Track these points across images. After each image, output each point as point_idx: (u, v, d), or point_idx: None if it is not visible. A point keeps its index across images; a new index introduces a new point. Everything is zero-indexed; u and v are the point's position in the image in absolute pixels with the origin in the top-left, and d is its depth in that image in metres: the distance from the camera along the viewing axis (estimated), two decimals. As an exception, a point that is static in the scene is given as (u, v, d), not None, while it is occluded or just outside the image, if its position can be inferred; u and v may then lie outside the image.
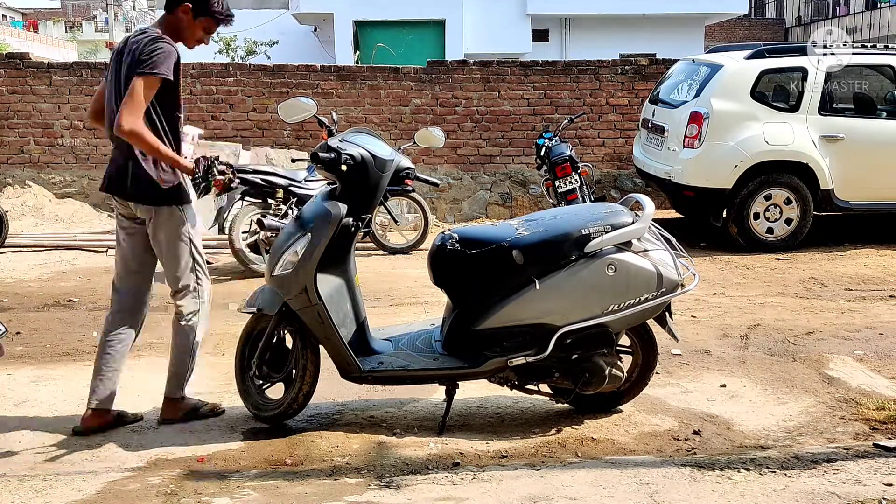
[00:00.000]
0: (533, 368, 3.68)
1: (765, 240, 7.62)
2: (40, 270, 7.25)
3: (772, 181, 7.53)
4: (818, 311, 5.69)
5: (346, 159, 3.65)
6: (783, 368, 4.58)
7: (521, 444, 3.64)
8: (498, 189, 9.88)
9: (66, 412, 4.01)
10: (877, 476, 3.26)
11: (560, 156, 7.89)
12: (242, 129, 9.66)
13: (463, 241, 3.69)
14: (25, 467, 3.44)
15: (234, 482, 3.28)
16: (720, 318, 5.54)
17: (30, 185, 9.49)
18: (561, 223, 3.70)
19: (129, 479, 3.32)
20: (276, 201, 6.89)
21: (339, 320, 3.71)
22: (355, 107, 9.67)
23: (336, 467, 3.41)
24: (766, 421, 3.89)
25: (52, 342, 5.18)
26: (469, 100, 9.81)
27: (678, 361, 4.69)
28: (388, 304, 6.07)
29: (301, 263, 3.62)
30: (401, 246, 7.96)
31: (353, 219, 3.71)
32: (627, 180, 9.92)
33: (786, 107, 7.65)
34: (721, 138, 7.50)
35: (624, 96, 9.94)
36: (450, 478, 3.29)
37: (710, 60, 8.03)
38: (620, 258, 3.59)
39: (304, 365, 3.74)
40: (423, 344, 3.86)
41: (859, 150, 7.58)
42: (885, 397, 4.11)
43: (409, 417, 3.96)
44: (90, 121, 4.05)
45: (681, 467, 3.36)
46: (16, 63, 9.61)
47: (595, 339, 3.64)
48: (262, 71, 9.80)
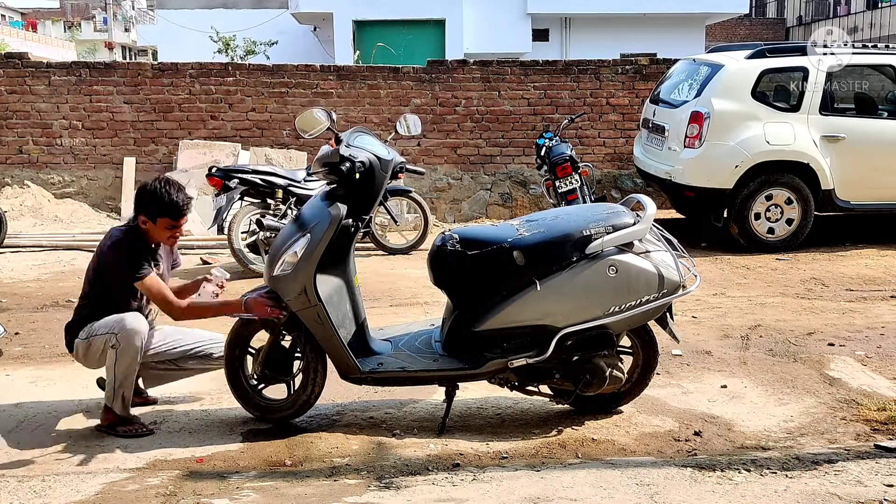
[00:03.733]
0: (533, 370, 3.67)
1: (766, 240, 7.61)
2: (39, 271, 7.24)
3: (773, 181, 7.51)
4: (819, 312, 5.67)
5: (359, 167, 3.65)
6: (784, 369, 4.57)
7: (521, 444, 3.63)
8: (498, 189, 9.87)
9: (64, 413, 4.00)
10: (878, 477, 3.25)
11: (560, 156, 7.88)
12: (241, 128, 9.65)
13: (463, 242, 3.68)
14: (24, 468, 3.43)
15: (234, 483, 3.27)
16: (721, 319, 5.53)
17: (28, 185, 9.48)
18: (562, 224, 3.69)
19: (128, 479, 3.32)
20: (275, 201, 6.88)
21: (339, 321, 3.70)
22: (355, 106, 9.66)
23: (336, 468, 3.41)
24: (767, 422, 3.88)
25: (51, 343, 5.17)
26: (469, 99, 9.80)
27: (679, 362, 4.68)
28: (388, 304, 6.05)
29: (300, 264, 3.61)
30: (401, 246, 7.94)
31: (352, 219, 3.70)
32: (628, 180, 9.91)
33: (787, 107, 7.63)
34: (722, 138, 7.49)
35: (624, 96, 9.93)
36: (449, 479, 3.28)
37: (711, 60, 8.02)
38: (622, 259, 3.59)
39: (314, 367, 3.74)
40: (423, 345, 3.85)
41: (860, 150, 7.57)
42: (886, 398, 4.10)
43: (409, 418, 3.95)
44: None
45: (681, 468, 3.35)
46: (14, 63, 9.59)
47: (596, 341, 3.64)
48: (262, 71, 9.79)
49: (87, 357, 3.81)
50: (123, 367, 3.67)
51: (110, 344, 3.65)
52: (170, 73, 9.62)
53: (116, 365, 3.67)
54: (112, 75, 9.59)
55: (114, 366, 3.67)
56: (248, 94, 9.65)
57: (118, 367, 3.67)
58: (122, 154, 9.58)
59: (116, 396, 3.72)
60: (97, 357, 3.77)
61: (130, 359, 3.67)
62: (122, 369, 3.67)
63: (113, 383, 3.70)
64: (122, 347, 3.64)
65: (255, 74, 9.70)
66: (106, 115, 9.58)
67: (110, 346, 3.65)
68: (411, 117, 4.52)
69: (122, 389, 3.70)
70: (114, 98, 9.56)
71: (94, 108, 9.58)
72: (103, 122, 9.59)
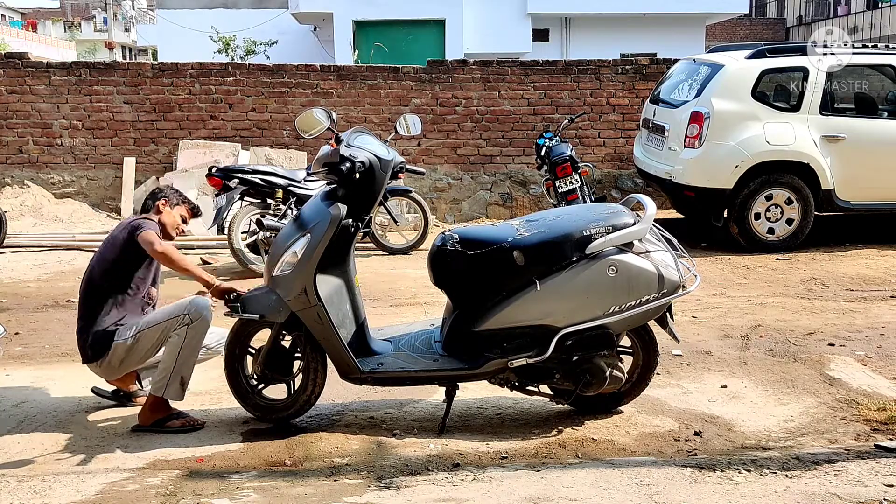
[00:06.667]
0: (533, 370, 3.67)
1: (766, 240, 7.61)
2: (39, 271, 7.24)
3: (773, 181, 7.51)
4: (819, 312, 5.67)
5: (359, 167, 3.65)
6: (784, 369, 4.56)
7: (521, 444, 3.63)
8: (498, 189, 9.86)
9: (65, 413, 4.00)
10: (878, 477, 3.25)
11: (560, 156, 7.88)
12: (241, 128, 9.65)
13: (463, 242, 3.67)
14: (24, 468, 3.44)
15: (234, 483, 3.28)
16: (721, 319, 5.53)
17: (28, 185, 9.48)
18: (562, 224, 3.69)
19: (128, 479, 3.32)
20: (275, 201, 6.87)
21: (339, 321, 3.70)
22: (355, 106, 9.66)
23: (336, 468, 3.41)
24: (767, 422, 3.88)
25: (51, 343, 5.17)
26: (469, 99, 9.80)
27: (679, 362, 4.68)
28: (388, 304, 6.05)
29: (300, 264, 3.61)
30: (401, 246, 7.94)
31: (352, 219, 3.70)
32: (628, 180, 9.91)
33: (787, 106, 7.63)
34: (722, 138, 7.48)
35: (624, 96, 9.93)
36: (450, 479, 3.28)
37: (711, 60, 8.02)
38: (622, 259, 3.58)
39: (314, 367, 3.74)
40: (423, 345, 3.85)
41: (860, 150, 7.56)
42: (886, 398, 4.10)
43: (409, 418, 3.95)
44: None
45: (681, 468, 3.35)
46: (15, 63, 9.60)
47: (596, 341, 3.64)
48: (262, 71, 9.79)
49: (129, 355, 3.81)
50: (192, 344, 3.74)
51: (184, 323, 3.72)
52: (170, 73, 9.62)
53: (185, 343, 3.71)
54: (112, 75, 9.59)
55: (180, 345, 3.71)
56: (248, 94, 9.65)
57: (186, 344, 3.72)
58: (122, 154, 9.58)
59: (173, 381, 3.74)
60: (146, 349, 3.80)
61: (200, 336, 3.77)
62: (191, 347, 3.74)
63: (172, 367, 3.73)
64: (197, 323, 3.72)
65: (255, 74, 9.69)
66: (106, 115, 9.58)
67: (183, 325, 3.72)
68: (411, 117, 4.53)
69: (182, 372, 3.75)
70: (114, 98, 9.57)
71: (94, 108, 9.58)
72: (103, 122, 9.59)
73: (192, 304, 3.76)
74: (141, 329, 3.79)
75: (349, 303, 3.83)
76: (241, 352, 3.86)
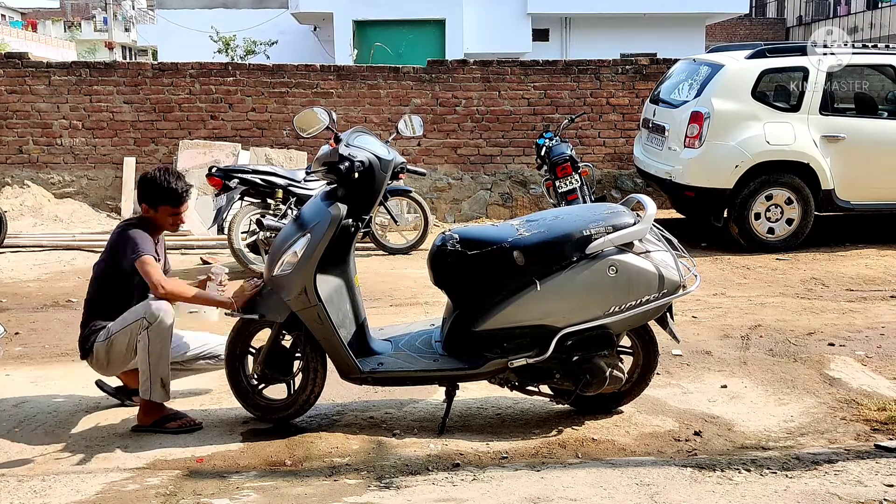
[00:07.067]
0: (533, 369, 3.67)
1: (766, 240, 7.61)
2: (39, 271, 7.24)
3: (773, 181, 7.51)
4: (819, 312, 5.67)
5: (358, 167, 3.64)
6: (784, 369, 4.56)
7: (521, 444, 3.62)
8: (498, 189, 9.86)
9: (65, 413, 4.00)
10: (878, 477, 3.25)
11: (560, 156, 7.88)
12: (241, 128, 9.65)
13: (463, 242, 3.67)
14: (24, 468, 3.43)
15: (234, 483, 3.27)
16: (721, 319, 5.53)
17: (28, 185, 9.48)
18: (562, 224, 3.69)
19: (128, 479, 3.31)
20: (275, 201, 6.87)
21: (339, 321, 3.70)
22: (355, 106, 9.66)
23: (336, 468, 3.40)
24: (767, 422, 3.88)
25: (51, 343, 5.17)
26: (469, 99, 9.80)
27: (679, 362, 4.68)
28: (388, 304, 6.05)
29: (300, 264, 3.61)
30: (401, 246, 7.94)
31: (352, 219, 3.70)
32: (628, 180, 9.91)
33: (787, 106, 7.63)
34: (722, 138, 7.48)
35: (624, 96, 9.93)
36: (450, 479, 3.28)
37: (711, 60, 8.02)
38: (622, 259, 3.58)
39: (314, 367, 3.74)
40: (423, 345, 3.85)
41: (860, 150, 7.56)
42: (886, 398, 4.10)
43: (409, 418, 3.94)
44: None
45: (681, 468, 3.35)
46: (15, 63, 9.59)
47: (596, 341, 3.64)
48: (262, 70, 9.79)
49: (110, 357, 3.78)
50: (158, 347, 3.66)
51: (143, 327, 3.65)
52: (170, 73, 9.62)
53: (150, 347, 3.65)
54: (112, 75, 9.59)
55: (147, 349, 3.65)
56: (248, 94, 9.65)
57: (152, 347, 3.65)
58: (122, 154, 9.58)
59: (154, 384, 3.69)
60: (123, 352, 3.74)
61: (163, 337, 3.67)
62: (157, 349, 3.66)
63: (148, 370, 3.68)
64: (154, 325, 3.64)
65: (255, 74, 9.70)
66: (106, 114, 9.58)
67: (143, 329, 3.65)
68: (415, 118, 4.53)
69: (159, 374, 3.69)
70: (114, 98, 9.57)
71: (94, 107, 9.58)
72: (103, 122, 9.59)
73: (147, 308, 3.68)
74: (112, 333, 3.75)
75: (349, 303, 3.83)
76: (241, 351, 3.86)
